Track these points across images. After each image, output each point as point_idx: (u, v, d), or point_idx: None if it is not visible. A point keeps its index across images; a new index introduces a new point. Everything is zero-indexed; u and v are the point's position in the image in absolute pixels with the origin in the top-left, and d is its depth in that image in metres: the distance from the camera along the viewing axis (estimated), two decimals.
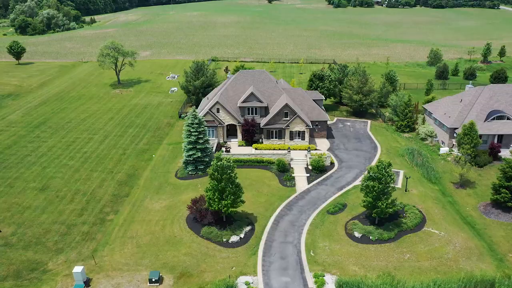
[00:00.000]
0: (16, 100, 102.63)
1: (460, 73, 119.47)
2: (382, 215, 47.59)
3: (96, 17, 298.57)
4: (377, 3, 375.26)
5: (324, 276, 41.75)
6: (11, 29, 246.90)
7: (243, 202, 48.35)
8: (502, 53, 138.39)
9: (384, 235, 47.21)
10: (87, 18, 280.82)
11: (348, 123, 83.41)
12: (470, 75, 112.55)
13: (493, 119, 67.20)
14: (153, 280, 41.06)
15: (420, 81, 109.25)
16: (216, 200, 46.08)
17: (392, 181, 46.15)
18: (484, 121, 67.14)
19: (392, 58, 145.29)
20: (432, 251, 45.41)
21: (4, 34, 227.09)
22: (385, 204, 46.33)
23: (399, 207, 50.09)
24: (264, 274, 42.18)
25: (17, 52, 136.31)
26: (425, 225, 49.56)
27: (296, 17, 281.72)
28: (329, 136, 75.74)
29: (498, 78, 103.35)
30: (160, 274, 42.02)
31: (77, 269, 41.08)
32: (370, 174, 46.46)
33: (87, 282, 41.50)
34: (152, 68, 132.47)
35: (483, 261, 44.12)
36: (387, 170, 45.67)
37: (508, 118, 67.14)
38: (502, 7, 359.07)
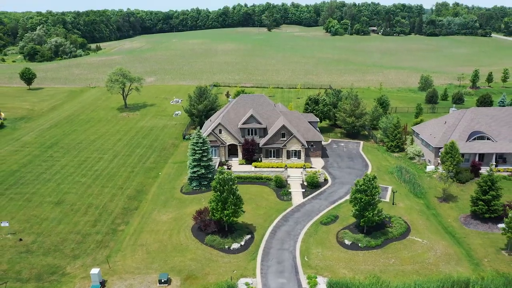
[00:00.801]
0: (28, 122, 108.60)
1: (449, 97, 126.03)
2: (370, 224, 52.43)
3: (101, 44, 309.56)
4: (373, 31, 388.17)
5: (316, 277, 46.21)
6: (19, 56, 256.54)
7: (243, 212, 53.28)
8: (489, 79, 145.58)
9: (372, 242, 51.89)
10: (93, 46, 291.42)
11: (342, 144, 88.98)
12: (458, 100, 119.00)
13: (474, 139, 72.80)
14: (162, 281, 45.58)
15: (411, 105, 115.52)
16: (219, 210, 51.05)
17: (377, 193, 51.21)
18: (466, 141, 72.73)
19: (386, 83, 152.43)
20: (415, 257, 50.02)
21: (13, 61, 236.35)
22: (371, 213, 51.25)
23: (384, 217, 54.89)
24: (262, 276, 46.70)
25: (28, 78, 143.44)
26: (410, 234, 54.29)
27: (295, 45, 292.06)
28: (324, 155, 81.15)
29: (484, 102, 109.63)
30: (169, 276, 46.54)
31: (94, 271, 45.69)
32: (357, 187, 51.58)
33: (103, 283, 45.99)
34: (156, 93, 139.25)
35: (461, 265, 48.67)
36: (372, 182, 50.83)
37: (488, 138, 72.74)
38: (493, 35, 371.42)
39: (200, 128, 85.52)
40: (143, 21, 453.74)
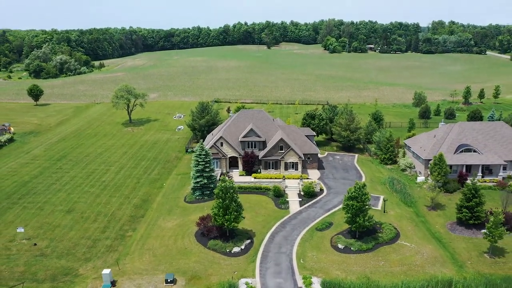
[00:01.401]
0: (37, 137, 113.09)
1: (441, 113, 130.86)
2: (361, 230, 56.34)
3: (104, 61, 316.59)
4: (370, 49, 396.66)
5: (311, 278, 49.90)
6: (24, 73, 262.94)
7: (243, 218, 57.23)
8: (481, 95, 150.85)
9: (363, 246, 55.68)
10: (96, 63, 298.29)
11: (338, 157, 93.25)
12: (450, 115, 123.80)
13: (462, 151, 77.12)
14: (169, 280, 49.28)
15: (405, 120, 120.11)
16: (220, 215, 55.04)
17: (367, 199, 55.25)
18: (454, 153, 77.02)
19: (381, 99, 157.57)
20: (403, 259, 53.78)
21: (19, 78, 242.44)
22: (362, 219, 55.22)
23: (375, 223, 58.78)
24: (261, 277, 50.41)
25: (36, 94, 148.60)
26: (399, 239, 58.09)
27: (294, 62, 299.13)
28: (320, 167, 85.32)
29: (474, 117, 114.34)
30: (174, 277, 50.26)
31: (105, 271, 49.41)
32: (349, 194, 55.68)
33: (113, 283, 49.66)
34: (160, 108, 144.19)
35: (445, 267, 52.39)
36: (363, 190, 54.94)
37: (474, 151, 77.05)
38: (488, 52, 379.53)
39: (203, 141, 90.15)
40: (145, 39, 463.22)
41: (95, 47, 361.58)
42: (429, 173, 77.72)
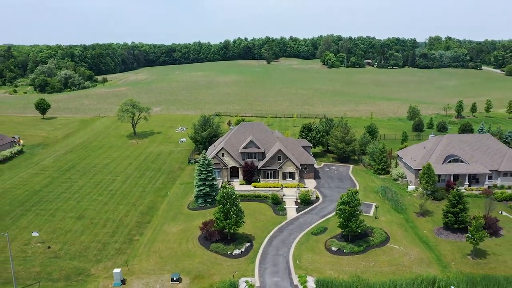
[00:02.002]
0: (45, 149, 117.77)
1: (434, 126, 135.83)
2: (353, 234, 60.59)
3: (107, 76, 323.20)
4: (368, 64, 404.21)
5: (306, 277, 53.98)
6: (29, 87, 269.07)
7: (243, 222, 61.54)
8: (473, 109, 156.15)
9: (355, 249, 59.85)
10: (99, 77, 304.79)
11: (333, 167, 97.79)
12: (442, 128, 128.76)
13: (449, 161, 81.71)
14: (175, 279, 53.37)
15: (399, 133, 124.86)
16: (222, 219, 59.38)
17: (358, 205, 59.66)
18: (442, 163, 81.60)
19: (377, 113, 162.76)
20: (392, 260, 57.91)
21: (25, 92, 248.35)
22: (354, 224, 59.53)
23: (366, 227, 63.03)
24: (260, 276, 54.50)
25: (43, 108, 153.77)
26: (389, 242, 62.27)
27: (293, 77, 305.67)
28: (316, 177, 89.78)
29: (465, 130, 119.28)
30: (180, 276, 54.36)
31: (116, 270, 53.61)
32: (342, 199, 60.11)
33: (123, 282, 53.76)
34: (162, 122, 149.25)
35: (431, 267, 56.49)
36: (355, 196, 59.40)
37: (461, 161, 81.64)
38: (484, 67, 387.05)
39: (206, 152, 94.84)
40: (146, 54, 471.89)
41: (98, 62, 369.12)
42: (419, 182, 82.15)
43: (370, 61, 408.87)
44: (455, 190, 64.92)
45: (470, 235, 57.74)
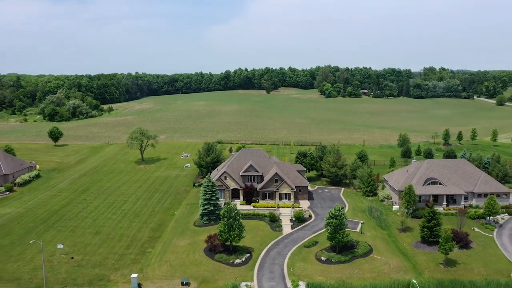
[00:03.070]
0: (60, 173, 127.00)
1: (422, 153, 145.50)
2: (340, 245, 69.21)
3: (112, 105, 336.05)
4: (364, 93, 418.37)
5: (298, 281, 62.34)
6: (38, 116, 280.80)
7: (244, 236, 70.29)
8: (459, 137, 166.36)
9: (342, 258, 68.31)
10: (105, 106, 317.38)
11: (326, 190, 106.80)
12: (428, 154, 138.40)
13: (429, 184, 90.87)
14: (184, 283, 61.71)
15: (388, 159, 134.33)
16: (226, 231, 68.15)
17: (344, 218, 68.60)
18: (423, 185, 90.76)
19: (370, 141, 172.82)
20: (373, 268, 66.27)
21: (35, 121, 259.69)
22: (341, 236, 68.28)
23: (351, 240, 71.66)
24: (258, 281, 62.83)
25: (56, 136, 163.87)
26: (372, 253, 70.74)
27: (291, 106, 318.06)
28: (310, 198, 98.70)
29: (449, 156, 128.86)
30: (188, 280, 62.67)
31: (134, 275, 61.99)
32: (330, 214, 69.09)
33: (140, 286, 62.04)
34: (168, 148, 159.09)
35: (407, 274, 64.77)
36: (341, 211, 68.47)
37: (440, 183, 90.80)
38: (476, 97, 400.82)
39: (210, 175, 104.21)
40: (150, 84, 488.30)
41: (103, 92, 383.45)
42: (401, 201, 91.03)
43: (366, 91, 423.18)
44: (429, 207, 73.91)
45: (440, 246, 66.33)
